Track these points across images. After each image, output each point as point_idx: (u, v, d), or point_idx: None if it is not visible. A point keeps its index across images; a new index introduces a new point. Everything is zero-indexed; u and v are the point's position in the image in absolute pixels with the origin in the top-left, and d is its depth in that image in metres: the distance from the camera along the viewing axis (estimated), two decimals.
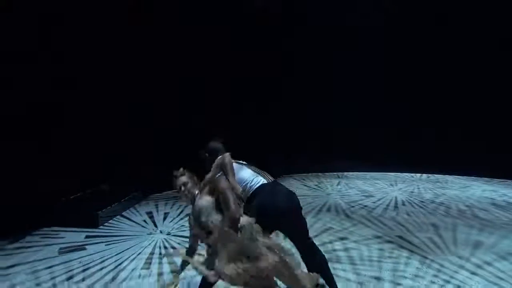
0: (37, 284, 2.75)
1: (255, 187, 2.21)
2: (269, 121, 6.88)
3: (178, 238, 3.72)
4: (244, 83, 6.64)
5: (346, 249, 3.48)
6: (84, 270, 2.95)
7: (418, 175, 7.15)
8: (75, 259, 3.19)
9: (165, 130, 5.68)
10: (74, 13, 4.49)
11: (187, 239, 3.61)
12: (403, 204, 5.03)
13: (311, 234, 3.78)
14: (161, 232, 3.94)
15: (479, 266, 3.13)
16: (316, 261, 2.41)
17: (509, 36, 6.69)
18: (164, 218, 4.41)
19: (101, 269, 2.98)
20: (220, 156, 2.21)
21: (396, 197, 5.42)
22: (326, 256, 3.24)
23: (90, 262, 3.11)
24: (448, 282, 2.85)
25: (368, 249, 3.49)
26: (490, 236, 3.83)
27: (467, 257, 3.32)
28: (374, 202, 5.16)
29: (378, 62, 7.00)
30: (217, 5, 6.23)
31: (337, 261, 3.20)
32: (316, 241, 3.59)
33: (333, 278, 2.50)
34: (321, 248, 3.39)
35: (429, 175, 7.09)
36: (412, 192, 5.77)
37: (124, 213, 4.62)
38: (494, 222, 4.29)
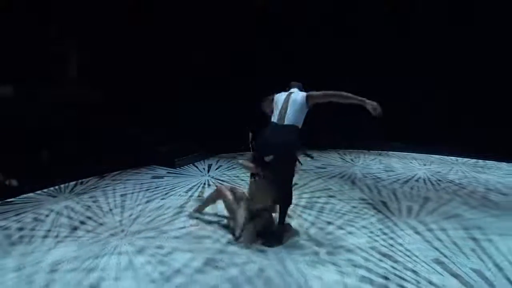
0: (134, 189, 4.53)
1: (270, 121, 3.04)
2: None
3: (217, 180, 4.99)
4: (244, 83, 6.43)
5: (325, 203, 3.86)
6: (156, 187, 4.61)
7: (465, 159, 6.18)
8: (156, 182, 4.91)
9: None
10: (74, 13, 4.38)
11: (221, 182, 4.85)
12: (416, 180, 4.79)
13: (309, 189, 4.37)
14: (209, 175, 5.32)
15: (430, 230, 3.10)
16: (278, 196, 2.99)
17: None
18: (217, 168, 5.77)
19: (165, 188, 4.57)
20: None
21: (415, 175, 5.13)
22: (304, 203, 3.84)
23: (162, 184, 4.77)
24: (385, 234, 3.02)
25: (343, 206, 3.76)
26: (477, 214, 3.49)
27: (427, 223, 3.28)
28: (389, 176, 5.06)
29: (378, 62, 6.34)
30: (217, 5, 5.98)
31: (310, 208, 3.68)
32: (307, 195, 4.21)
33: (283, 214, 2.99)
34: (305, 199, 4.00)
35: (479, 160, 6.04)
36: (438, 172, 5.26)
37: (195, 163, 6.23)
38: (500, 204, 3.77)
